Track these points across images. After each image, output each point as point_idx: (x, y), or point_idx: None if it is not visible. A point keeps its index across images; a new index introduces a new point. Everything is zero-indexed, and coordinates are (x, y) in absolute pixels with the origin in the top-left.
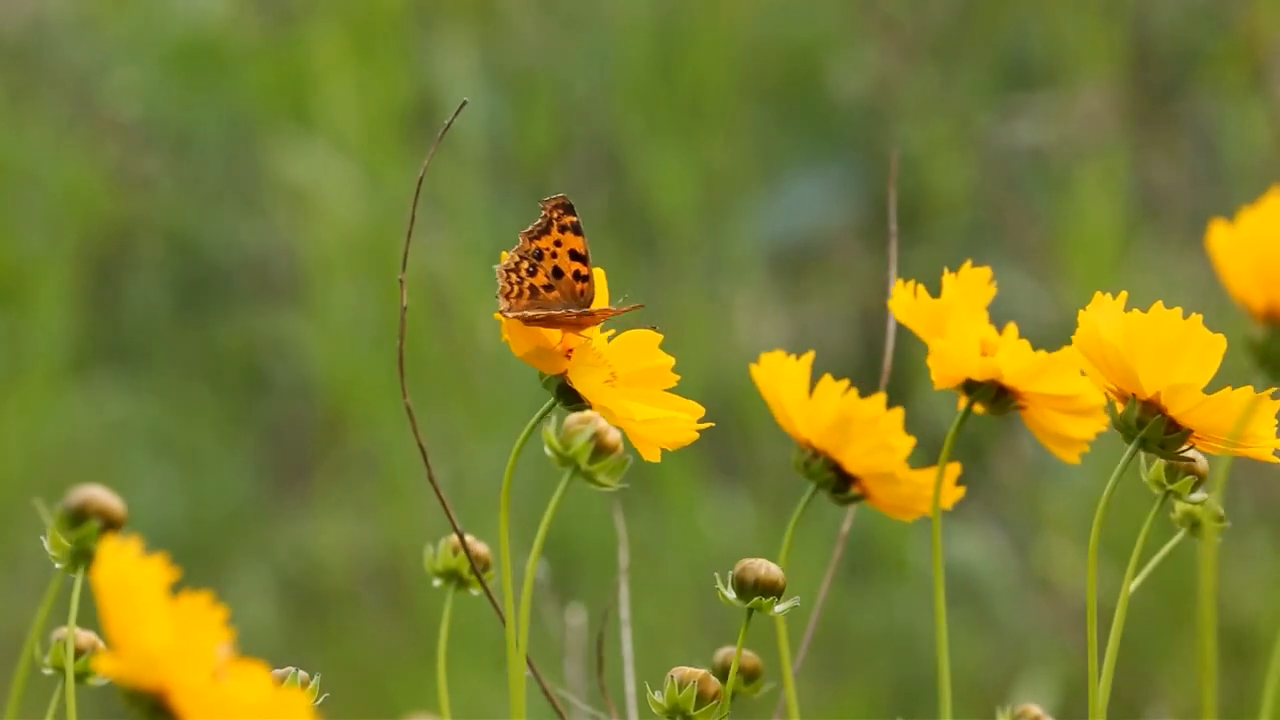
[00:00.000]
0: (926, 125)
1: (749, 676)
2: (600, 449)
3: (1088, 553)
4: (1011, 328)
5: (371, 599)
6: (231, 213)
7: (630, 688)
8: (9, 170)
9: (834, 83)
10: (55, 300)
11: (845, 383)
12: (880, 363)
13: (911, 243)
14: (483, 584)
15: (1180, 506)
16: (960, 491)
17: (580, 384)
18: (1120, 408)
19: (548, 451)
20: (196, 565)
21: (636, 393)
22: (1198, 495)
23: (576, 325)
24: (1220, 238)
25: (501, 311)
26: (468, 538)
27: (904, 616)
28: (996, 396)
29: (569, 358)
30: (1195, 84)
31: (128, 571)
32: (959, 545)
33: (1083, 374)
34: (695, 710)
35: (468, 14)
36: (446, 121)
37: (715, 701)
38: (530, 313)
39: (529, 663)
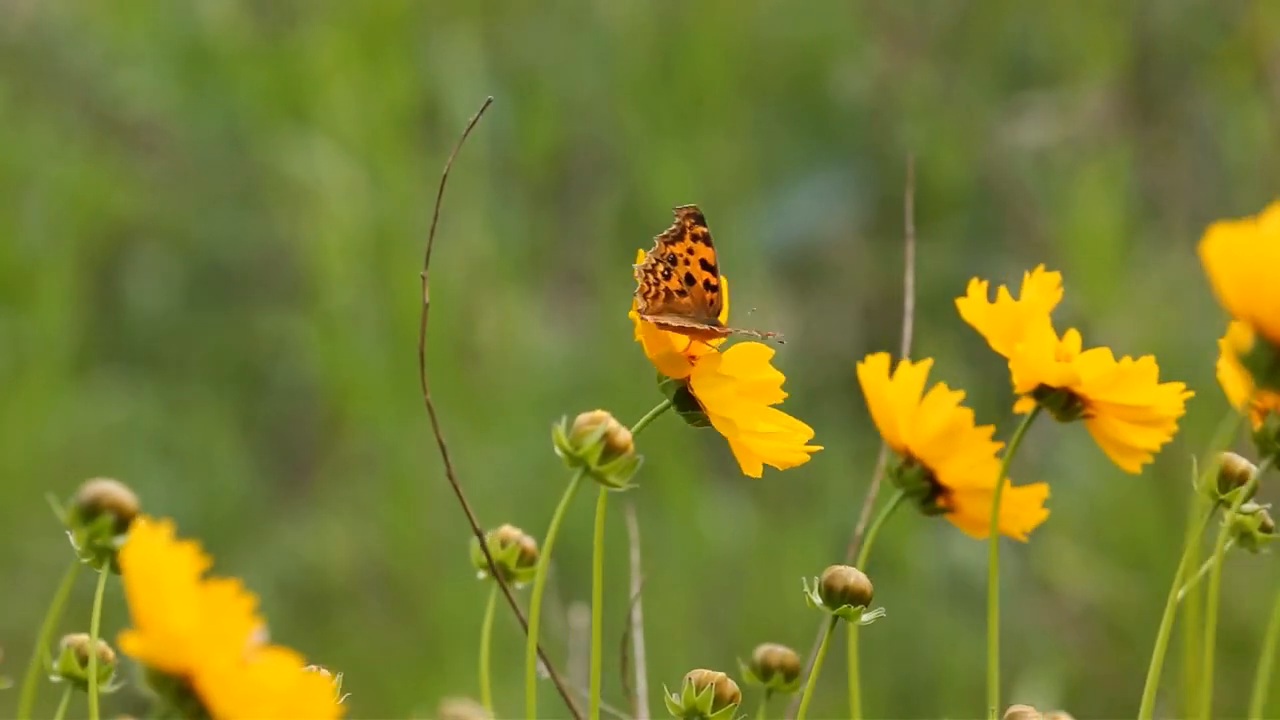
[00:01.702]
0: (929, 125)
1: (788, 675)
2: (610, 449)
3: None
4: (1073, 334)
5: (372, 599)
6: (234, 213)
7: (642, 687)
8: (11, 171)
9: (837, 83)
10: (57, 300)
11: (960, 394)
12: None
13: (914, 242)
14: (501, 584)
15: (1229, 516)
16: (1044, 514)
17: (705, 394)
18: (1259, 422)
19: (557, 452)
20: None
21: (750, 407)
22: (1249, 506)
23: (709, 334)
24: (1215, 245)
25: (639, 312)
26: (516, 531)
27: (905, 618)
28: (1067, 403)
29: (692, 363)
30: (1197, 84)
31: (157, 556)
32: (959, 546)
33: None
34: (712, 712)
35: (470, 14)
36: (471, 120)
37: (732, 703)
38: (667, 320)
39: (549, 665)
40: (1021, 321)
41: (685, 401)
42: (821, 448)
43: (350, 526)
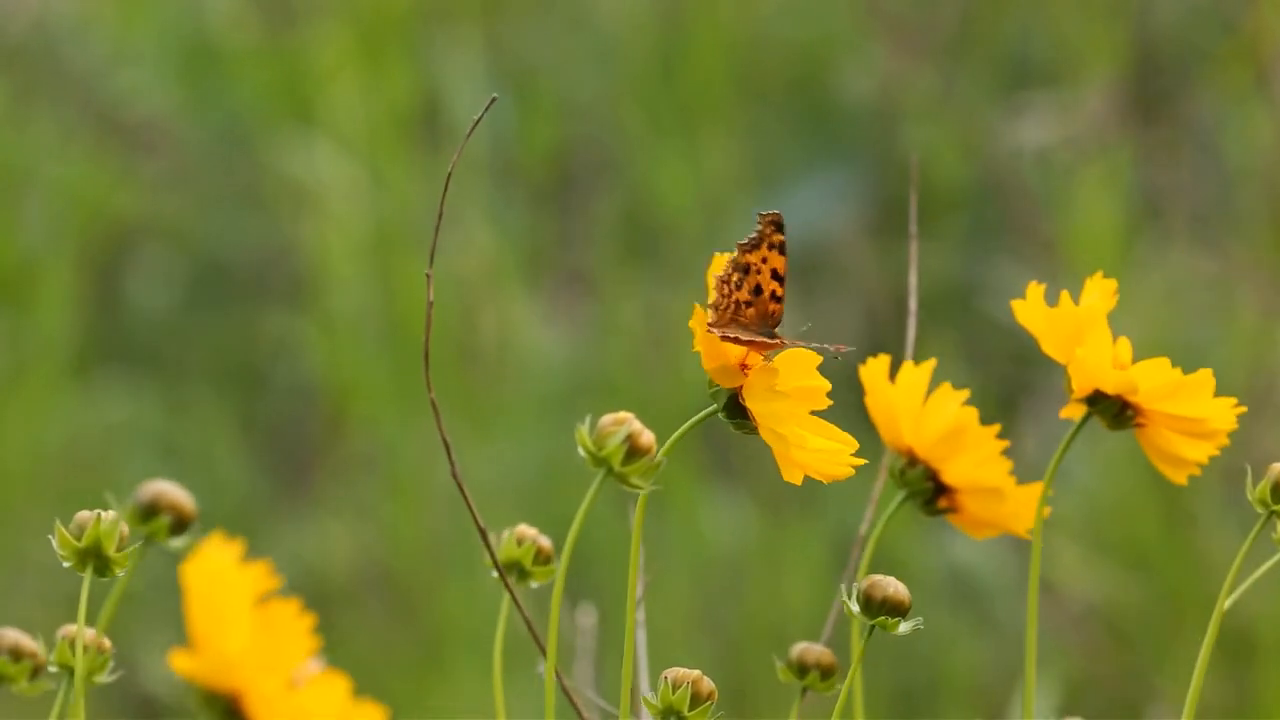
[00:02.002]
0: (930, 125)
1: (825, 673)
2: (634, 451)
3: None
4: (1125, 342)
5: (373, 600)
6: (235, 213)
7: (645, 687)
8: (12, 170)
9: (841, 83)
10: (58, 300)
11: (965, 393)
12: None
13: (917, 242)
14: (506, 584)
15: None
16: (1047, 510)
17: (757, 406)
18: None
19: (580, 452)
20: None
21: (800, 420)
22: None
23: (766, 346)
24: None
25: (709, 324)
26: (532, 530)
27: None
28: (1120, 411)
29: (745, 373)
30: (1198, 84)
31: (221, 572)
32: (959, 546)
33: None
34: (689, 711)
35: (471, 14)
36: (475, 119)
37: (709, 701)
38: (731, 333)
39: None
40: (1081, 326)
41: (735, 410)
42: (866, 461)
43: (351, 527)
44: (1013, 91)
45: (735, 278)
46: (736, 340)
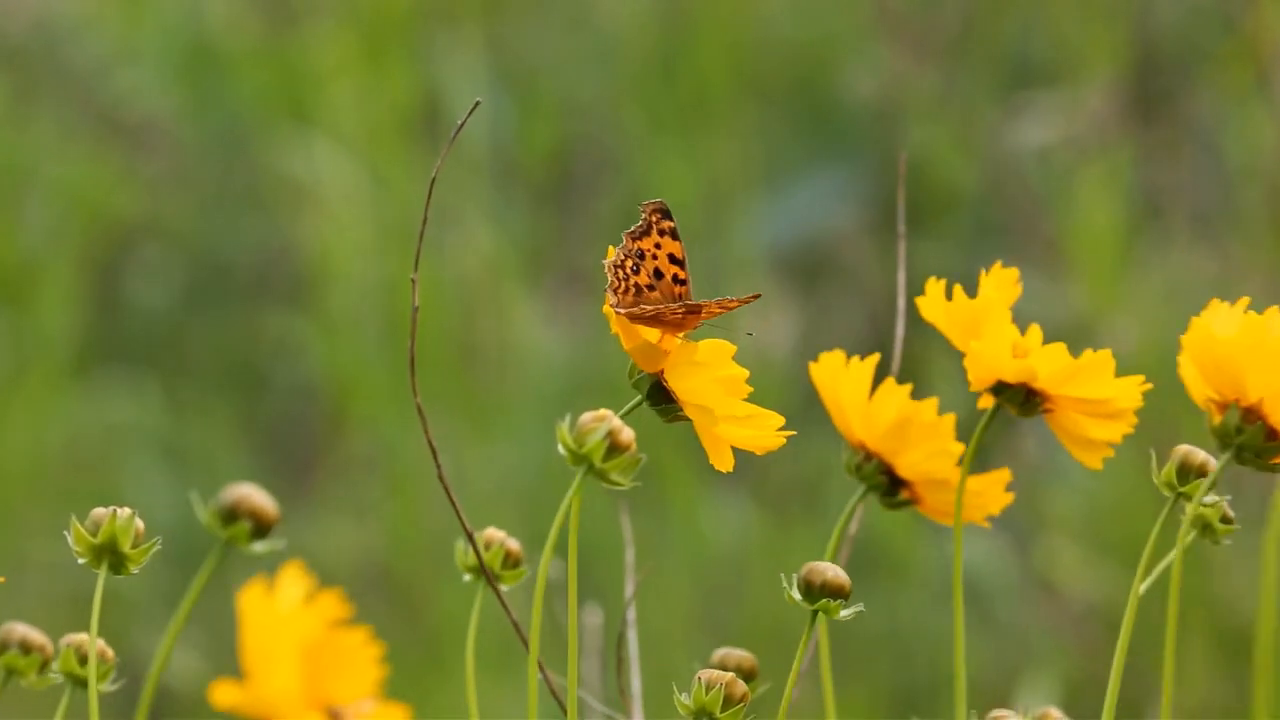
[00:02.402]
0: (931, 125)
1: (746, 676)
2: (614, 447)
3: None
4: (1035, 329)
5: (373, 599)
6: (235, 213)
7: (637, 688)
8: (13, 170)
9: (842, 83)
10: (58, 300)
11: (908, 387)
12: (888, 363)
13: (916, 241)
14: (492, 584)
15: (1190, 509)
16: (1009, 497)
17: (680, 383)
18: (1218, 416)
19: (560, 450)
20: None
21: (721, 391)
22: (1209, 498)
23: (681, 325)
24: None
25: (611, 306)
26: (500, 533)
27: (905, 618)
28: (1026, 399)
29: (666, 356)
30: (1199, 84)
31: (281, 610)
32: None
33: (1117, 375)
34: (721, 712)
35: (471, 15)
36: (460, 121)
37: (741, 704)
38: (641, 309)
39: (540, 666)
40: (979, 319)
41: (659, 395)
42: (795, 432)
43: (351, 526)
44: (1013, 91)
45: (629, 264)
46: (643, 314)
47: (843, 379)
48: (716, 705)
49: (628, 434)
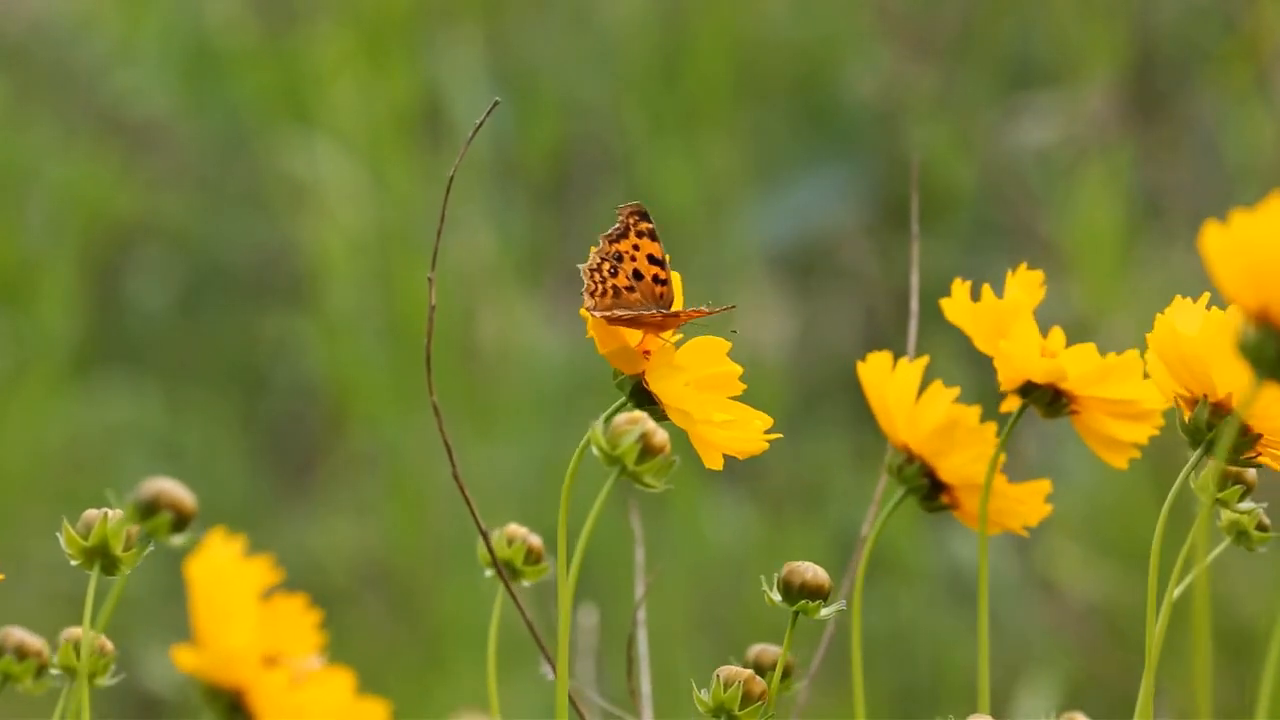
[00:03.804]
0: (931, 125)
1: (782, 675)
2: (647, 450)
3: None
4: (1057, 331)
5: (374, 598)
6: (236, 213)
7: (646, 688)
8: (13, 170)
9: (842, 83)
10: (58, 300)
11: (956, 390)
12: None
13: (919, 242)
14: (505, 583)
15: (1226, 515)
16: (1048, 509)
17: (659, 386)
18: (1188, 413)
19: (594, 451)
20: None
21: (705, 398)
22: (1244, 505)
23: (660, 326)
24: (1213, 239)
25: (588, 309)
26: (522, 530)
27: (906, 618)
28: (1053, 399)
29: (647, 358)
30: (1198, 84)
31: (224, 568)
32: (960, 545)
33: (1147, 376)
34: (740, 710)
35: (472, 15)
36: (478, 122)
37: (760, 702)
38: (617, 312)
39: (550, 663)
40: (1006, 319)
41: (642, 397)
42: (781, 435)
43: (352, 526)
44: (1013, 91)
45: (607, 266)
46: (621, 318)
47: (889, 380)
48: (735, 703)
49: (661, 436)
